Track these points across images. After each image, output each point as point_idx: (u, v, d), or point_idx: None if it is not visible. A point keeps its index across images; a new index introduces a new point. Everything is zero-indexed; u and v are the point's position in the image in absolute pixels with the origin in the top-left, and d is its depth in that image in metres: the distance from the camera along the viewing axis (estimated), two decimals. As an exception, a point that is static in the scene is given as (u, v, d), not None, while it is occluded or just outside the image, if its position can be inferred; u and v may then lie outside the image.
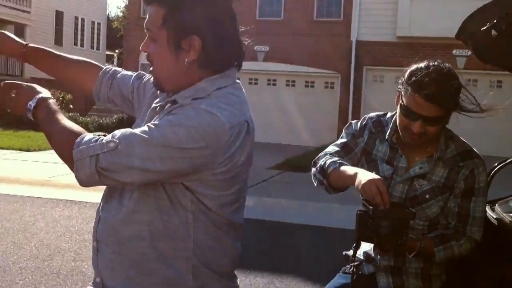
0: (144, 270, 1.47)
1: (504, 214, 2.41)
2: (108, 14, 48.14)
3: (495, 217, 2.39)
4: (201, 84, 1.47)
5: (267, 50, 18.39)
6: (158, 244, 1.45)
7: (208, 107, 1.38)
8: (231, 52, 1.51)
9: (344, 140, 2.17)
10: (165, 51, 1.47)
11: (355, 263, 2.06)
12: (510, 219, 2.33)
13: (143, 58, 20.19)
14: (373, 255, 2.08)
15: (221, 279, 1.51)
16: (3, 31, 1.85)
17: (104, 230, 1.53)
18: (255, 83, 18.88)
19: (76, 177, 1.41)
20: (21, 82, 1.62)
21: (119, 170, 1.35)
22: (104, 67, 1.86)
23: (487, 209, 2.29)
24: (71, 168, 1.41)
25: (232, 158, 1.39)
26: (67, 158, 1.42)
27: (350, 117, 17.09)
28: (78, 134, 1.43)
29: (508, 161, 2.76)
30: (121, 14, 44.10)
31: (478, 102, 1.96)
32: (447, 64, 1.96)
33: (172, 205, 1.42)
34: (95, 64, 1.88)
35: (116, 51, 33.29)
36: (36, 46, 1.88)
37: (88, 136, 1.41)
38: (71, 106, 20.66)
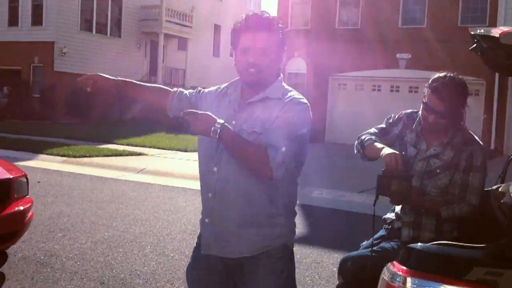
0: None
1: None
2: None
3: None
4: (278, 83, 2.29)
5: (409, 57, 18.57)
6: None
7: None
8: None
9: (383, 125, 2.96)
10: (273, 59, 2.25)
11: (389, 220, 2.84)
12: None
13: (290, 68, 21.44)
14: (400, 214, 2.82)
15: None
16: (100, 73, 2.54)
17: None
18: (397, 91, 19.15)
19: (273, 177, 2.09)
20: (195, 111, 2.14)
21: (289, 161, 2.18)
22: (172, 90, 2.55)
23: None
24: (265, 174, 2.09)
25: None
26: (263, 168, 2.07)
27: (494, 124, 16.72)
28: (263, 148, 2.09)
29: None
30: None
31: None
32: (460, 76, 2.67)
33: None
34: (166, 89, 2.58)
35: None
36: (124, 79, 2.56)
37: (272, 149, 2.09)
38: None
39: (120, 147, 14.49)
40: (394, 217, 2.88)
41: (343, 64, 19.92)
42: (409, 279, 1.92)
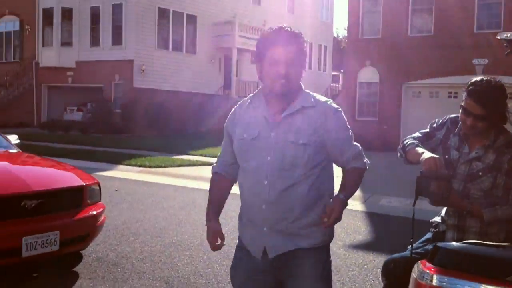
0: None
1: None
2: (337, 35, 50.60)
3: None
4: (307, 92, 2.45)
5: (486, 63, 17.94)
6: None
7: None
8: None
9: (427, 130, 2.97)
10: (299, 70, 2.39)
11: (435, 223, 2.85)
12: None
13: (361, 77, 21.28)
14: (444, 217, 2.82)
15: None
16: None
17: None
18: (474, 97, 18.52)
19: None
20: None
21: None
22: (216, 172, 2.66)
23: None
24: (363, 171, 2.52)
25: None
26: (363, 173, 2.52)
27: None
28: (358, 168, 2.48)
29: None
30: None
31: None
32: (498, 79, 2.66)
33: None
34: (218, 181, 2.66)
35: (341, 71, 35.00)
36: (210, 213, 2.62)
37: (357, 152, 2.46)
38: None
39: (193, 158, 14.95)
40: (439, 220, 2.90)
41: (416, 72, 19.54)
42: (435, 277, 1.95)
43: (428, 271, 2.00)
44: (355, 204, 9.12)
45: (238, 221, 2.61)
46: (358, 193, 9.90)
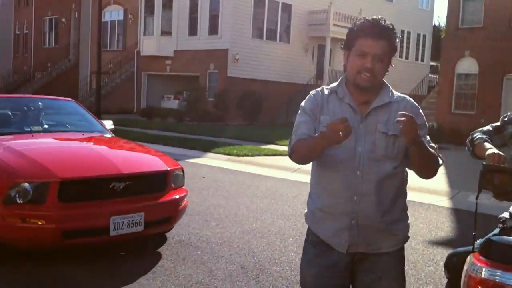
0: None
1: None
2: (438, 24, 48.57)
3: None
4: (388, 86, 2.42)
5: None
6: None
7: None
8: None
9: (498, 124, 2.94)
10: (385, 66, 2.36)
11: (503, 219, 2.78)
12: None
13: (459, 68, 20.39)
14: None
15: None
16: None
17: None
18: None
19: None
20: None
21: None
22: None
23: None
24: (436, 171, 2.36)
25: None
26: (436, 166, 2.34)
27: None
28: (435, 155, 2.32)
29: None
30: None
31: None
32: None
33: None
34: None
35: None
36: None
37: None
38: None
39: (280, 148, 15.12)
40: (507, 216, 2.82)
41: (520, 63, 18.44)
42: (485, 269, 1.93)
43: (479, 264, 1.99)
44: (441, 199, 8.87)
45: (309, 215, 2.51)
46: (445, 188, 9.62)
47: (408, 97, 2.44)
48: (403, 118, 2.10)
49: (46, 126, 6.44)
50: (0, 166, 4.84)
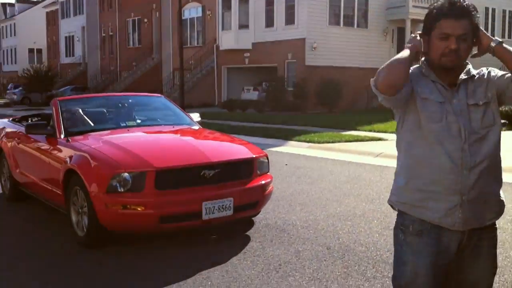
0: None
1: None
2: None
3: None
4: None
5: None
6: None
7: None
8: None
9: None
10: (469, 46, 2.39)
11: None
12: None
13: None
14: None
15: None
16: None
17: None
18: None
19: None
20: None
21: None
22: None
23: None
24: None
25: None
26: None
27: None
28: None
29: None
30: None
31: None
32: None
33: None
34: None
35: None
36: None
37: None
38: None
39: (361, 133, 15.08)
40: None
41: None
42: None
43: None
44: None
45: (403, 201, 2.43)
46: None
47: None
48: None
49: (139, 121, 6.91)
50: (102, 158, 5.31)
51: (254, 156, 5.72)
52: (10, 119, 8.44)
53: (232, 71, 31.95)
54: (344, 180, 8.77)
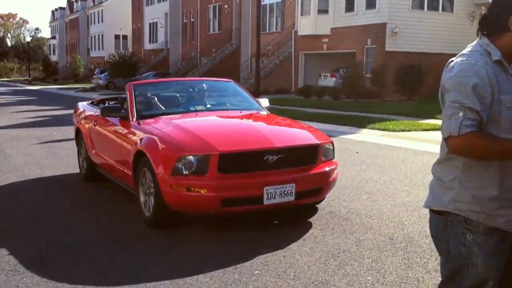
0: None
1: None
2: None
3: None
4: None
5: None
6: None
7: None
8: None
9: None
10: None
11: None
12: None
13: None
14: None
15: None
16: None
17: None
18: None
19: None
20: None
21: None
22: None
23: None
24: None
25: None
26: None
27: None
28: None
29: None
30: None
31: None
32: None
33: None
34: None
35: None
36: None
37: None
38: None
39: (440, 122, 14.51)
40: None
41: None
42: None
43: None
44: None
45: (478, 210, 2.27)
46: None
47: None
48: None
49: (208, 105, 7.03)
50: (169, 141, 5.45)
51: (318, 142, 5.67)
52: (90, 102, 8.84)
53: (309, 57, 31.72)
54: (416, 170, 8.51)
